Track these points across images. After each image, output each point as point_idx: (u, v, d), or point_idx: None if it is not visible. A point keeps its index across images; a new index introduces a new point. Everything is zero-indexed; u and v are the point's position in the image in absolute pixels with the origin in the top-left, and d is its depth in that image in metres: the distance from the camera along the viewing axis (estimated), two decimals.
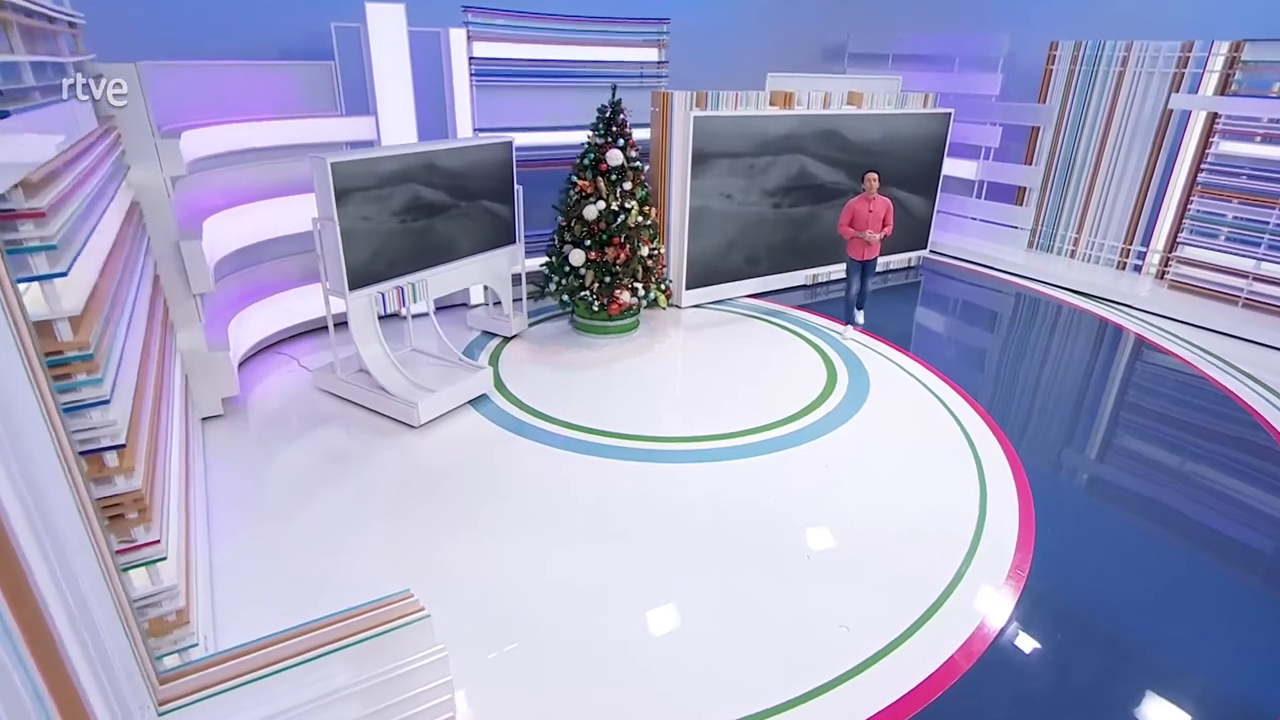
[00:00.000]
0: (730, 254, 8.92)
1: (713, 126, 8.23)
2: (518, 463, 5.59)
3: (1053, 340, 8.34)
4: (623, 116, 7.52)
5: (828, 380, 7.06)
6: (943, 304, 9.51)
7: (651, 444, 5.84)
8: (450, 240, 6.88)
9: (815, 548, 4.75)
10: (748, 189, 8.74)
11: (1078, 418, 6.58)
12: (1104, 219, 10.43)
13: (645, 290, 7.82)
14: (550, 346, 7.71)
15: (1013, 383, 7.27)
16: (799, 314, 8.76)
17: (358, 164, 5.86)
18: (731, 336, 8.06)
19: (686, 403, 6.58)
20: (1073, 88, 10.34)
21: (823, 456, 5.75)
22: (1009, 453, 5.88)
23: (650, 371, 7.17)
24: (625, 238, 7.55)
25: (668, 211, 8.49)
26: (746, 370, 7.18)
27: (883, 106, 9.57)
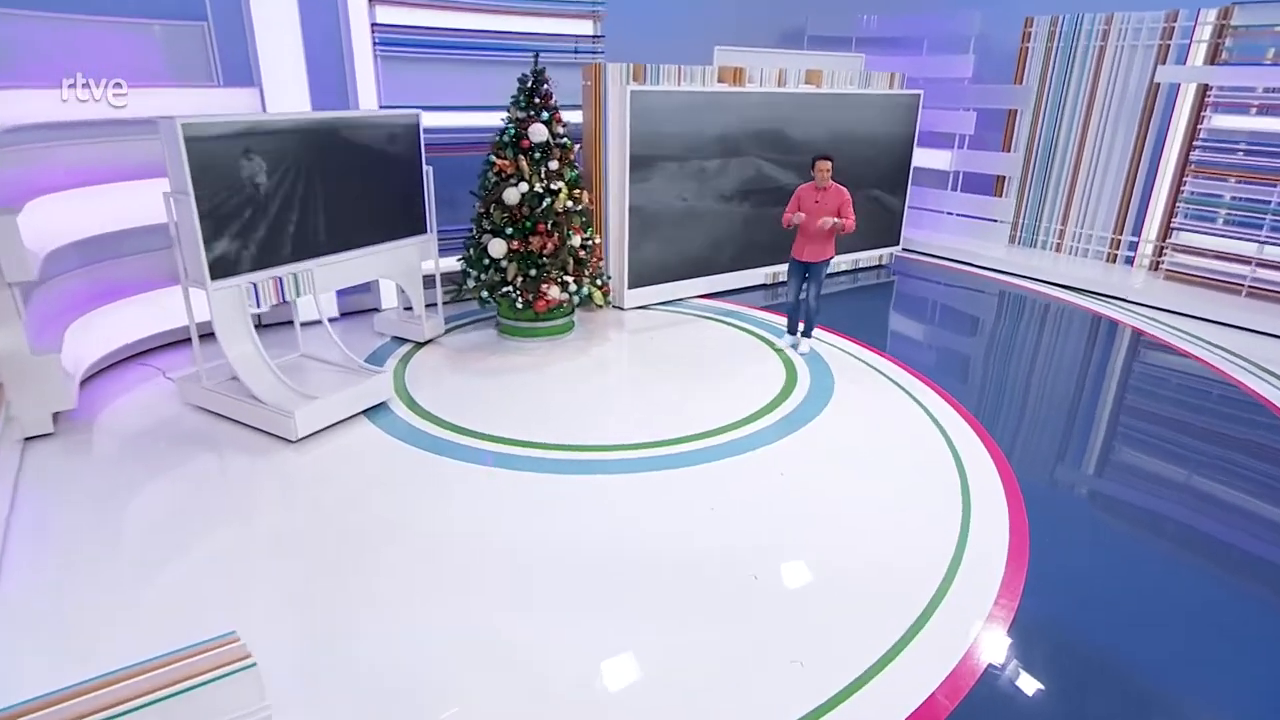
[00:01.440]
0: (678, 249, 8.41)
1: (653, 103, 7.72)
2: (417, 480, 4.89)
3: (1043, 338, 7.98)
4: (546, 87, 6.94)
5: (786, 381, 6.49)
6: (919, 304, 9.14)
7: (580, 454, 5.21)
8: (343, 226, 6.19)
9: (763, 568, 4.05)
10: (695, 177, 8.26)
11: (1075, 420, 6.06)
12: (1090, 208, 10.15)
13: (578, 285, 7.16)
14: (469, 352, 7.04)
15: (1001, 384, 6.78)
16: (759, 315, 8.19)
17: (219, 127, 5.16)
18: (679, 338, 7.50)
19: (623, 408, 5.99)
20: (1051, 66, 10.15)
21: (778, 463, 5.12)
22: (998, 460, 5.28)
23: (583, 376, 6.55)
24: (552, 224, 6.93)
25: (604, 199, 7.90)
26: (694, 373, 6.62)
27: (844, 86, 9.15)
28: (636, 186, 7.84)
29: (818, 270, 6.68)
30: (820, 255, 6.60)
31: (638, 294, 8.28)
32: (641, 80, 7.72)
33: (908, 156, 9.89)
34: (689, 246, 8.47)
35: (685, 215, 8.31)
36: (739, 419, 5.73)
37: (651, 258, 8.24)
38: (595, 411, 5.84)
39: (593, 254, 7.36)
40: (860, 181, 9.51)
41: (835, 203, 6.47)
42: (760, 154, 8.58)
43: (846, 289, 9.44)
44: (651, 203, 8.02)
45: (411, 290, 7.06)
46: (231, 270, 5.44)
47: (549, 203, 6.85)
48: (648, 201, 7.98)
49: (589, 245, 7.28)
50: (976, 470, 5.11)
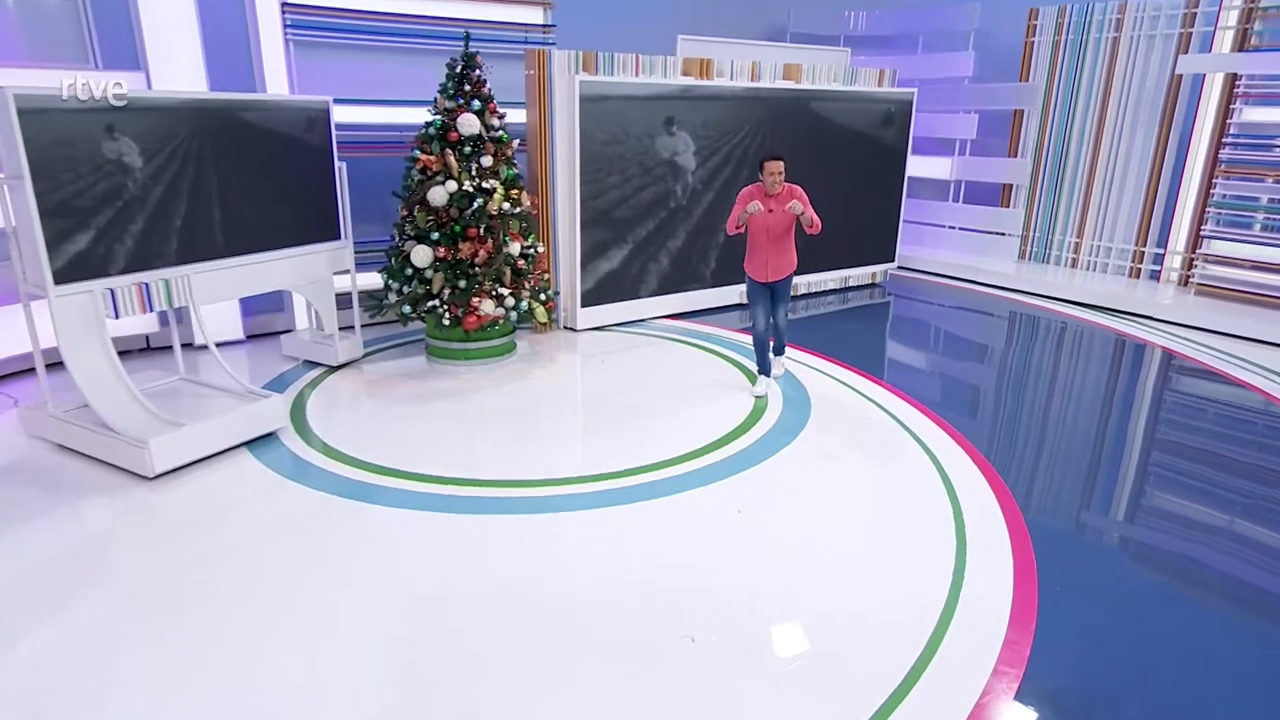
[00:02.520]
0: (639, 262, 7.88)
1: (606, 97, 7.22)
2: (305, 528, 4.22)
3: (1060, 361, 7.45)
4: (479, 73, 6.41)
5: (755, 407, 5.88)
6: (919, 325, 8.69)
7: (506, 491, 4.56)
8: (232, 227, 5.58)
9: (705, 625, 3.34)
10: (657, 181, 7.75)
11: (1098, 455, 5.40)
12: (1109, 217, 9.74)
13: (516, 299, 6.55)
14: (390, 377, 6.41)
15: (1010, 413, 6.18)
16: (733, 336, 7.59)
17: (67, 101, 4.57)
18: (635, 362, 6.91)
19: (562, 439, 5.37)
20: (1059, 61, 9.81)
21: (736, 499, 4.48)
22: (1004, 501, 4.62)
23: (519, 404, 5.93)
24: (485, 229, 6.37)
25: (552, 205, 7.34)
26: (649, 397, 6.02)
27: (827, 82, 8.71)
28: (589, 191, 7.33)
29: (783, 289, 6.04)
30: (785, 270, 5.91)
31: (592, 313, 7.72)
32: (593, 70, 7.22)
33: (901, 163, 9.52)
34: (651, 260, 7.95)
35: (646, 225, 7.81)
36: (696, 449, 5.11)
37: (608, 272, 7.72)
38: (529, 443, 5.22)
39: (535, 265, 6.81)
40: (847, 191, 9.11)
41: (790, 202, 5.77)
42: (735, 158, 8.11)
43: (835, 310, 8.95)
44: (607, 210, 7.51)
45: (321, 306, 6.44)
46: (81, 273, 4.80)
47: (481, 204, 6.29)
48: (602, 208, 7.47)
49: (531, 255, 6.72)
50: (976, 511, 4.44)
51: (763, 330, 6.01)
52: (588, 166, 7.24)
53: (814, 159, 8.58)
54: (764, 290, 5.99)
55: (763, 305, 6.00)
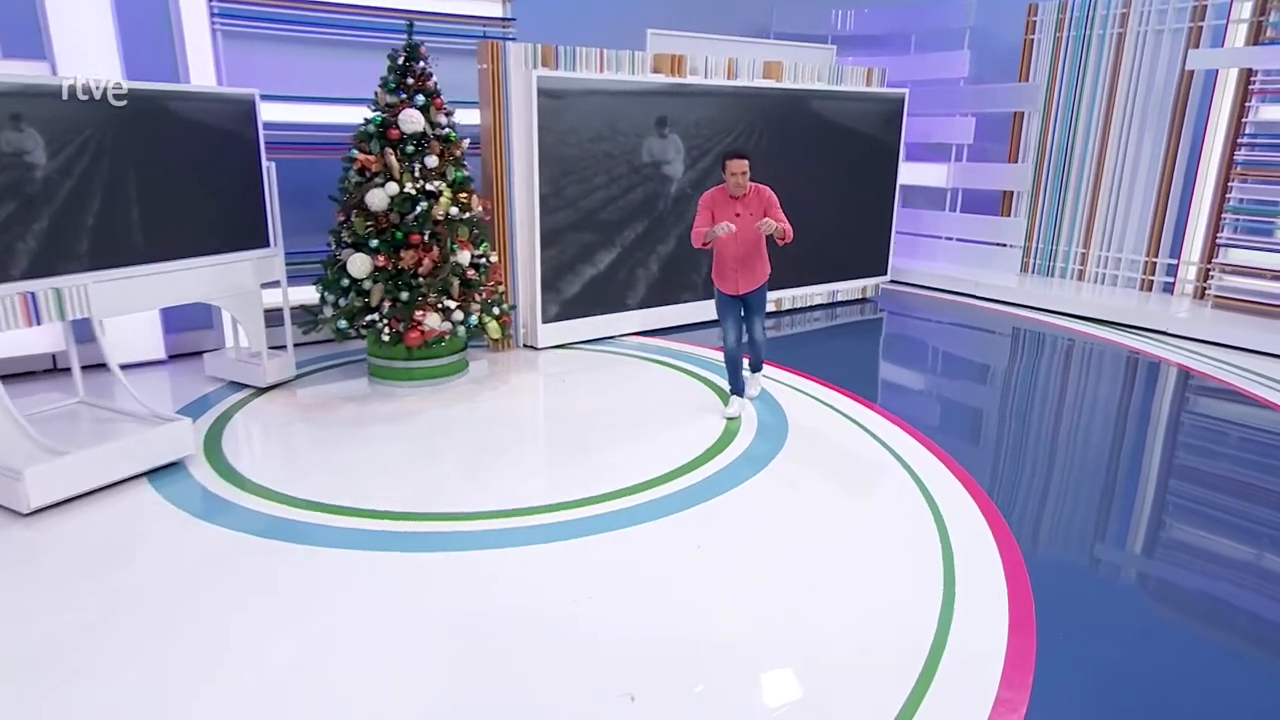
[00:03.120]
0: (607, 275, 7.56)
1: (567, 94, 6.93)
2: (218, 571, 3.78)
3: (1067, 380, 7.19)
4: (423, 65, 6.08)
5: (726, 430, 5.50)
6: (913, 343, 8.49)
7: (439, 525, 4.18)
8: (140, 230, 5.18)
9: (647, 682, 2.92)
10: (627, 186, 7.44)
11: (1112, 484, 5.02)
12: (1118, 225, 9.56)
13: (465, 313, 6.17)
14: (325, 399, 6.02)
15: (1017, 439, 5.81)
16: (710, 355, 7.24)
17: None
18: (600, 382, 6.55)
19: (509, 467, 4.95)
20: (1061, 59, 9.68)
21: (694, 534, 4.08)
22: (1001, 537, 4.21)
23: (465, 428, 5.54)
24: (430, 236, 6.01)
25: (509, 211, 7.00)
26: (609, 420, 5.66)
27: (811, 81, 8.47)
28: (550, 197, 7.01)
29: (756, 300, 5.72)
30: (757, 281, 5.61)
31: (555, 330, 7.36)
32: (552, 65, 6.91)
33: (892, 169, 9.33)
34: (621, 272, 7.63)
35: (615, 234, 7.49)
36: (655, 477, 4.72)
37: (573, 285, 7.37)
38: (471, 473, 4.84)
39: (488, 275, 6.47)
40: (835, 200, 8.85)
41: (760, 209, 5.42)
42: (708, 163, 7.83)
43: (822, 327, 8.65)
44: (571, 218, 7.18)
45: (246, 321, 6.04)
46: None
47: (425, 208, 5.95)
48: (566, 216, 7.14)
49: (483, 264, 6.37)
50: (968, 550, 4.02)
51: (734, 346, 5.69)
52: (548, 170, 6.92)
53: (798, 164, 8.36)
54: (734, 303, 5.66)
55: (734, 319, 5.67)
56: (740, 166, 5.28)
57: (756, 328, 5.80)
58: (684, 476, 4.71)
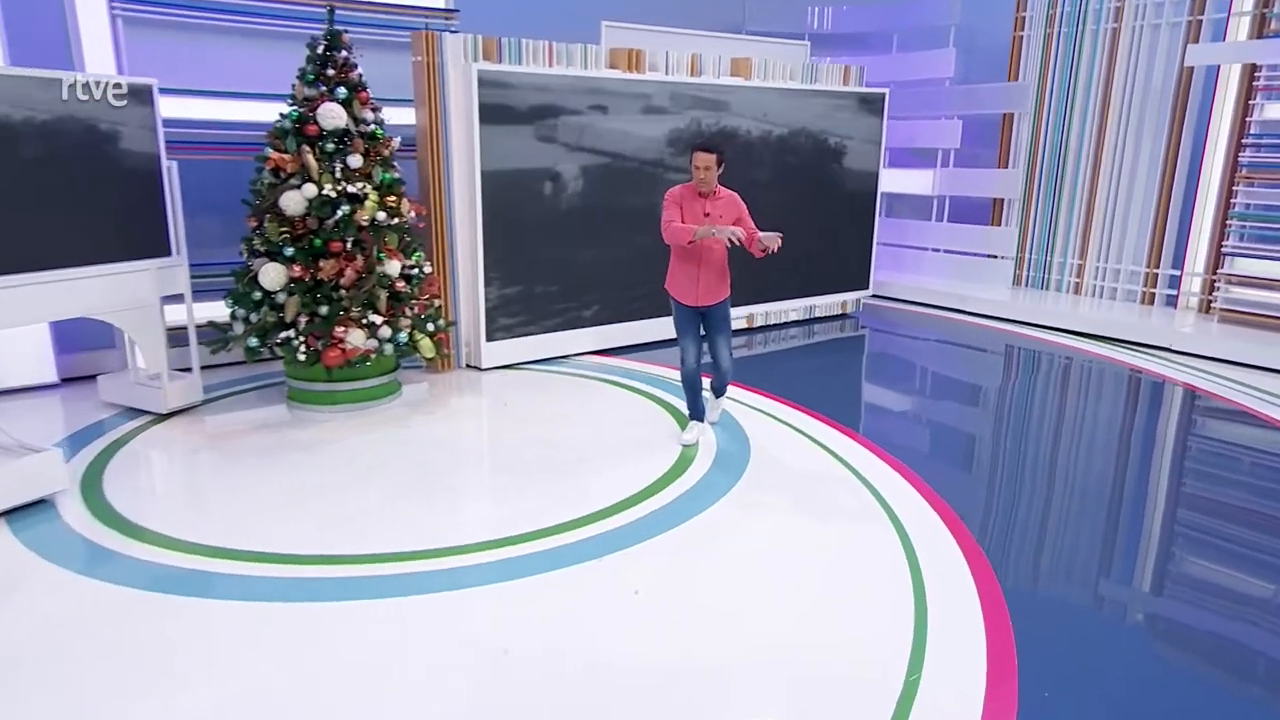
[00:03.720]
0: (562, 288, 7.27)
1: (510, 90, 6.64)
2: (89, 635, 3.34)
3: (1065, 402, 7.03)
4: (346, 55, 5.76)
5: (681, 456, 5.17)
6: (897, 362, 8.42)
7: (361, 569, 3.82)
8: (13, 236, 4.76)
9: None
10: (583, 190, 7.17)
11: (1114, 516, 4.74)
12: (1116, 234, 9.48)
13: (393, 329, 5.79)
14: (233, 426, 5.63)
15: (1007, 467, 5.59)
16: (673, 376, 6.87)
17: None
18: (546, 405, 6.25)
19: (441, 499, 4.62)
20: (1052, 57, 9.64)
21: (635, 577, 3.73)
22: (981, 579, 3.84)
23: (387, 457, 5.19)
24: (353, 243, 5.67)
25: (448, 218, 6.69)
26: (551, 448, 5.36)
27: (783, 80, 8.28)
28: (494, 202, 6.70)
29: (719, 315, 5.32)
30: (719, 294, 5.24)
31: (501, 349, 7.03)
32: (495, 58, 6.61)
33: (873, 175, 9.20)
34: (576, 286, 7.34)
35: (569, 243, 7.21)
36: (594, 512, 4.36)
37: (521, 300, 7.06)
38: (400, 506, 4.48)
39: (421, 288, 6.13)
40: (811, 208, 8.64)
41: (730, 215, 5.13)
42: (665, 166, 7.57)
43: (797, 345, 8.45)
44: (518, 225, 6.88)
45: (144, 339, 5.61)
46: None
47: (347, 213, 5.59)
48: (513, 223, 6.84)
49: (416, 276, 6.03)
50: (944, 597, 3.65)
51: (693, 366, 5.33)
52: (492, 173, 6.62)
53: (769, 169, 8.13)
54: (694, 317, 5.31)
55: (693, 335, 5.32)
56: (706, 160, 4.95)
57: (722, 351, 5.38)
58: (630, 510, 4.36)
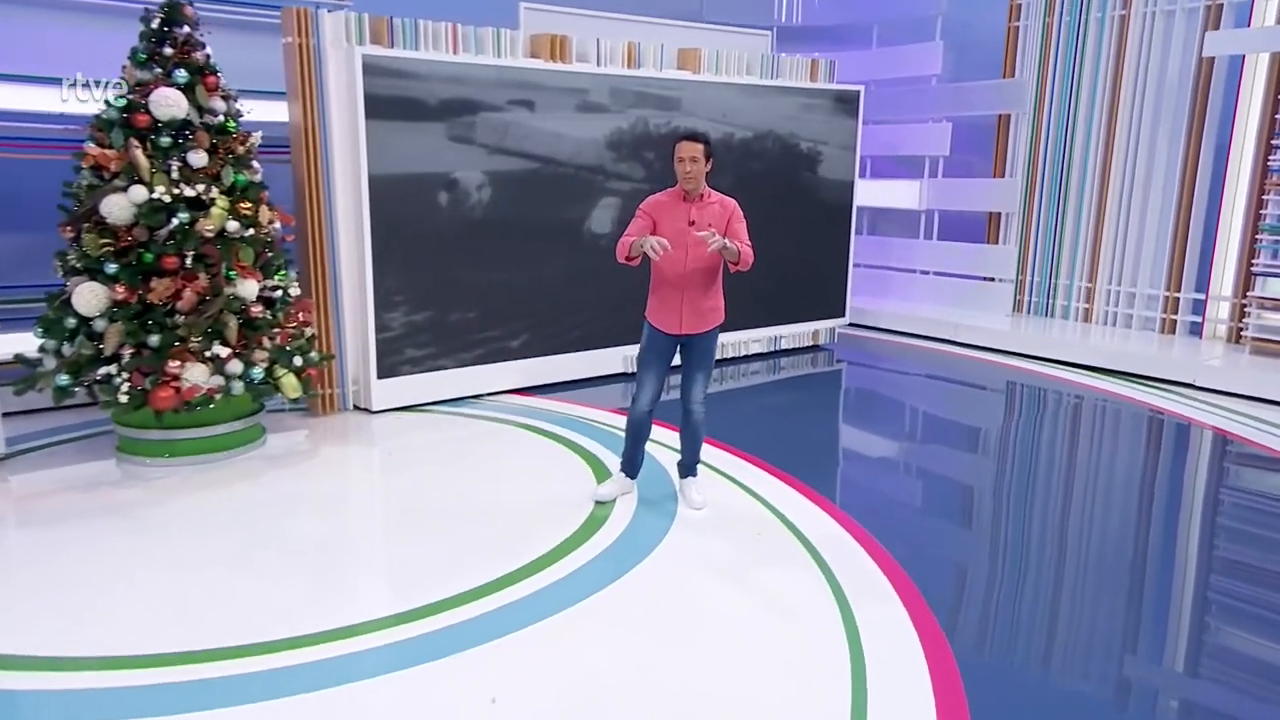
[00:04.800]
0: (474, 314, 7.00)
1: (406, 80, 6.31)
2: None
3: (1073, 448, 6.82)
4: (188, 31, 5.32)
5: (590, 517, 4.76)
6: (875, 402, 8.39)
7: (190, 669, 3.35)
8: None
9: None
10: (498, 197, 6.92)
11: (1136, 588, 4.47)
12: (1129, 252, 9.38)
13: (246, 364, 5.31)
14: (44, 486, 5.16)
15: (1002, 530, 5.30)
16: (606, 420, 6.51)
17: None
18: (441, 457, 5.90)
19: (295, 575, 4.23)
20: (1053, 50, 9.60)
21: (491, 680, 3.32)
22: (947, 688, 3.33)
23: (246, 520, 4.77)
24: (195, 258, 5.19)
25: (329, 230, 6.28)
26: (427, 512, 4.99)
27: (738, 74, 8.11)
28: (387, 210, 6.35)
29: (702, 350, 4.76)
30: (706, 321, 4.69)
31: (398, 387, 6.64)
32: (386, 42, 6.22)
33: (847, 185, 9.08)
34: (494, 311, 7.10)
35: (484, 262, 6.96)
36: (459, 594, 3.91)
37: (431, 329, 6.80)
38: (242, 586, 4.04)
39: (287, 314, 5.73)
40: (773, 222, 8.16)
41: (722, 225, 4.65)
42: (606, 173, 7.36)
43: (757, 383, 8.25)
44: (418, 239, 6.58)
45: None
46: None
47: (186, 221, 5.13)
48: (412, 236, 6.53)
49: (279, 299, 5.64)
50: None
51: (646, 409, 4.76)
52: (384, 179, 6.31)
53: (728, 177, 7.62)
54: (668, 347, 4.73)
55: (657, 371, 4.76)
56: (692, 150, 4.50)
57: (696, 389, 4.77)
58: (506, 589, 3.92)
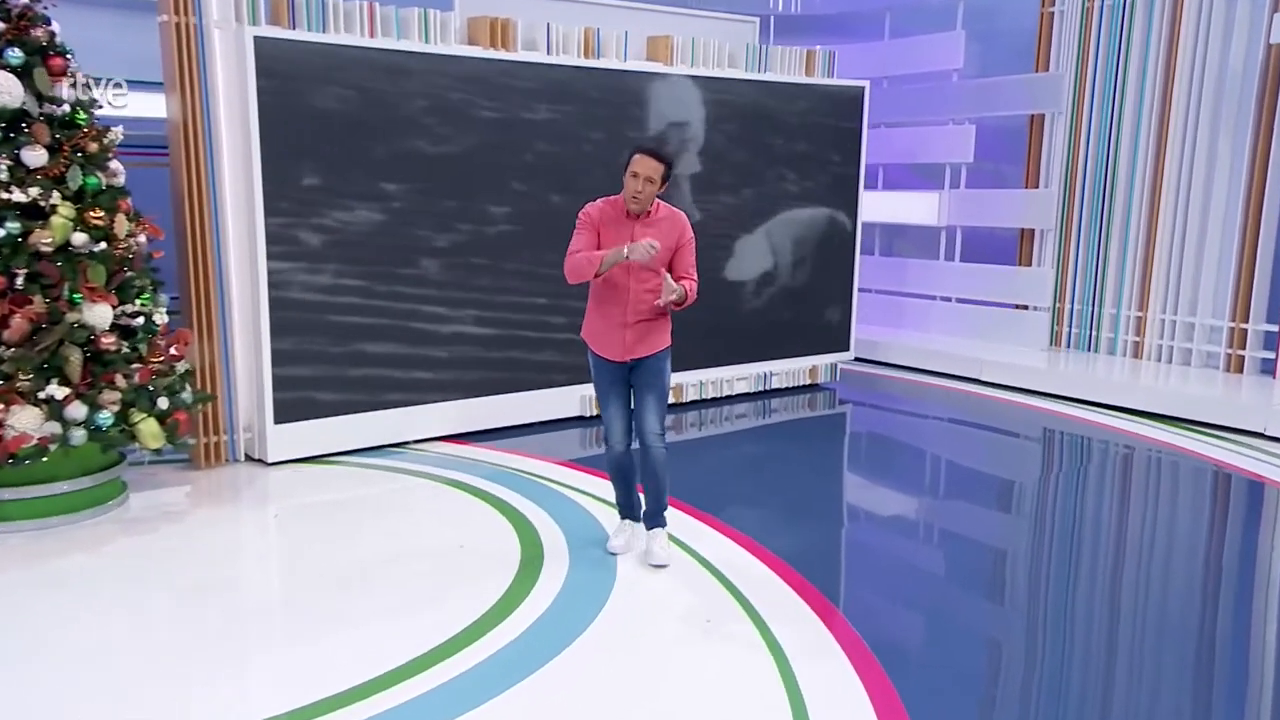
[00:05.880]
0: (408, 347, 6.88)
1: (310, 67, 6.16)
2: None
3: (1125, 509, 6.57)
4: (24, 2, 5.08)
5: (503, 597, 4.52)
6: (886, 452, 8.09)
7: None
8: None
9: None
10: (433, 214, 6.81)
11: (1205, 684, 4.31)
12: (1186, 276, 9.10)
13: (91, 406, 5.08)
14: None
15: (1055, 616, 4.93)
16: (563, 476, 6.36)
17: None
18: (339, 520, 5.61)
19: (147, 666, 4.02)
20: (1094, 38, 9.39)
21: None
22: None
23: (85, 600, 4.58)
24: (29, 277, 5.00)
25: (215, 245, 6.07)
26: (317, 589, 4.84)
27: (718, 67, 7.87)
28: (288, 220, 6.21)
29: (652, 373, 4.88)
30: (654, 343, 4.85)
31: (297, 434, 6.44)
32: (286, 22, 6.07)
33: (850, 198, 8.91)
34: (429, 346, 6.97)
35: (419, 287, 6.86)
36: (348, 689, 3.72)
37: (343, 364, 6.61)
38: (85, 679, 3.84)
39: (151, 346, 5.56)
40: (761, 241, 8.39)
41: (668, 244, 4.72)
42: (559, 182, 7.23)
43: (746, 428, 7.96)
44: (335, 260, 6.48)
45: None
46: None
47: (16, 231, 4.93)
48: (318, 253, 6.41)
49: (140, 328, 5.44)
50: None
51: (622, 445, 4.94)
52: (282, 181, 6.16)
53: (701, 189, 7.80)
54: (619, 375, 4.87)
55: (618, 402, 4.92)
56: (650, 168, 4.54)
57: (649, 419, 4.85)
58: (403, 683, 3.72)
